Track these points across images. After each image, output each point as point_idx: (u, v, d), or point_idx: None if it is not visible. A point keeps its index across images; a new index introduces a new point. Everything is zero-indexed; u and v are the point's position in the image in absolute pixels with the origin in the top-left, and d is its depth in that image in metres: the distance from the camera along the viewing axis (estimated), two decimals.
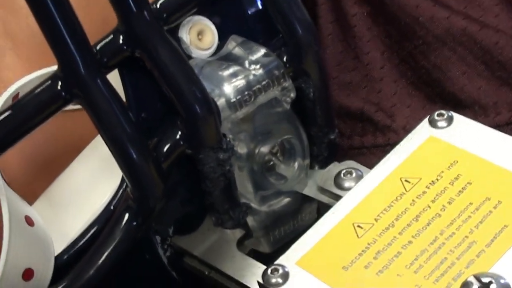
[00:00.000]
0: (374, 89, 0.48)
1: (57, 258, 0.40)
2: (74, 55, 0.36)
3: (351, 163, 0.43)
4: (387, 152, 0.46)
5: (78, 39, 0.36)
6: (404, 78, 0.48)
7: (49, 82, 0.37)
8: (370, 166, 0.47)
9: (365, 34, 0.48)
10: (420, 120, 0.42)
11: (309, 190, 0.43)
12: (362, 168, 0.42)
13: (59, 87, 0.37)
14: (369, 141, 0.48)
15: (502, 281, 0.32)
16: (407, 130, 0.46)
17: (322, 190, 0.42)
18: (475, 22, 0.45)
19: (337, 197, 0.40)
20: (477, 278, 0.33)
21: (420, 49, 0.46)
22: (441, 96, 0.46)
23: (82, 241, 0.41)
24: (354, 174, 0.41)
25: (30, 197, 0.46)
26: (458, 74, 0.46)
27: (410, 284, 0.34)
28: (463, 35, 0.45)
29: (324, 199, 0.42)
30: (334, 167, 0.43)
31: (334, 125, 0.45)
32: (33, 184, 0.47)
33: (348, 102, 0.48)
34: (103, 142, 0.38)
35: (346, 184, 0.41)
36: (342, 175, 0.41)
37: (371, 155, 0.48)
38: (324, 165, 0.45)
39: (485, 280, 0.32)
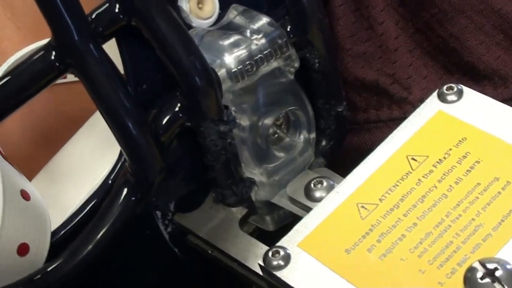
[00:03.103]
0: (389, 60, 0.47)
1: (54, 233, 0.39)
2: (67, 24, 0.35)
3: (324, 171, 0.42)
4: None
5: (71, 7, 0.35)
6: (420, 48, 0.46)
7: (43, 52, 0.36)
8: None
9: (379, 4, 0.47)
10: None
11: (279, 200, 0.41)
12: (334, 177, 0.41)
13: (53, 57, 0.36)
14: (385, 114, 0.47)
15: (508, 266, 0.31)
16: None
17: (292, 200, 0.41)
18: None
19: (307, 208, 0.38)
20: (482, 263, 0.31)
21: (436, 18, 0.45)
22: (459, 67, 0.45)
23: (80, 216, 0.40)
24: (325, 184, 0.39)
25: (32, 170, 0.45)
26: (476, 44, 0.44)
27: (413, 269, 0.33)
28: (481, 3, 0.44)
29: (295, 209, 0.40)
30: (306, 176, 0.41)
31: (342, 97, 0.44)
32: (35, 157, 0.46)
33: (363, 74, 0.47)
34: None
35: (317, 194, 0.39)
36: (312, 185, 0.40)
37: (387, 128, 0.46)
38: (332, 139, 0.44)
39: (490, 266, 0.31)
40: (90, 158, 0.44)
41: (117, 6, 0.37)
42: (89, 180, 0.42)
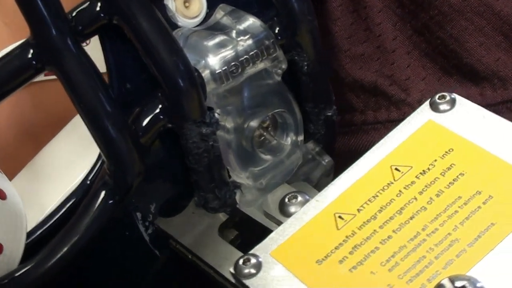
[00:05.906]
0: (387, 61, 0.46)
1: (30, 233, 0.39)
2: (45, 21, 0.35)
3: (302, 186, 0.41)
4: None
5: (50, 4, 0.35)
6: (418, 49, 0.46)
7: (20, 49, 0.35)
8: None
9: (376, 4, 0.46)
10: (435, 93, 0.39)
11: (255, 213, 0.40)
12: (311, 192, 0.40)
13: (30, 55, 0.35)
14: (383, 116, 0.46)
15: (478, 285, 0.30)
16: (422, 104, 0.44)
17: (267, 214, 0.40)
18: None
19: (281, 224, 0.37)
20: (452, 280, 0.31)
21: (435, 20, 0.45)
22: (458, 68, 0.45)
23: (57, 216, 0.39)
24: (299, 199, 0.38)
25: (16, 167, 0.45)
26: (475, 45, 0.44)
27: (382, 283, 0.32)
28: (481, 5, 0.44)
29: (269, 224, 0.39)
30: (282, 189, 0.40)
31: (332, 101, 0.43)
32: (19, 154, 0.45)
33: (361, 75, 0.47)
34: None
35: (291, 209, 0.38)
36: (286, 199, 0.39)
37: (385, 130, 0.46)
38: (321, 143, 0.43)
39: (459, 284, 0.30)
40: (72, 157, 0.43)
41: (99, 4, 0.36)
42: (70, 179, 0.42)
